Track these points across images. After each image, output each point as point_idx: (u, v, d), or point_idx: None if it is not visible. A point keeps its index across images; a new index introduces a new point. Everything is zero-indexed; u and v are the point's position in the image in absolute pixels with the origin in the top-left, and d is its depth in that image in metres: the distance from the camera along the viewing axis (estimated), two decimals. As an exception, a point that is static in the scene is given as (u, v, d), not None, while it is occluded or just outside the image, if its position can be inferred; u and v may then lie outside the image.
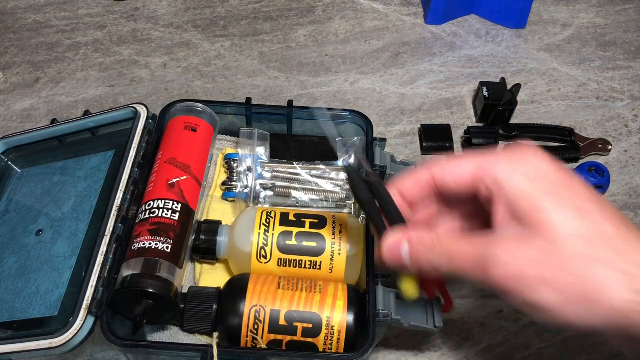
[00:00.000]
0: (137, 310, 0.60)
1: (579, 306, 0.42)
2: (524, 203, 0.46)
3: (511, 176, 0.47)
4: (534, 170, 0.47)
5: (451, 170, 0.51)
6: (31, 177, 0.77)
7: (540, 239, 0.44)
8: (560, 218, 0.44)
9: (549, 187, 0.46)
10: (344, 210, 0.74)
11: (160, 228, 0.64)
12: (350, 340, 0.62)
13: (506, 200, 0.47)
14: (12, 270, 0.67)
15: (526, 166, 0.47)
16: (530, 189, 0.46)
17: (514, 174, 0.47)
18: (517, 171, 0.47)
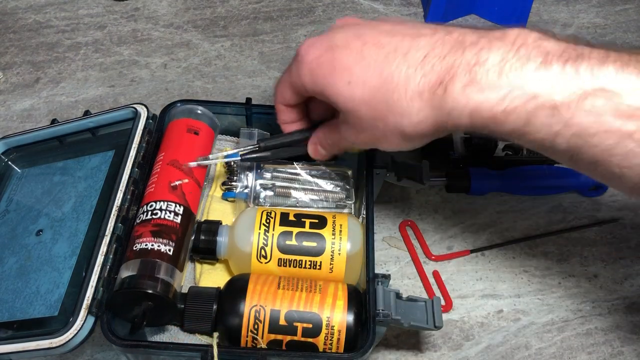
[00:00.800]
0: (136, 312, 0.60)
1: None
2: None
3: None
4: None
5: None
6: (31, 177, 0.77)
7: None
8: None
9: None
10: (344, 210, 0.74)
11: (162, 230, 0.64)
12: (350, 340, 0.62)
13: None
14: (12, 270, 0.67)
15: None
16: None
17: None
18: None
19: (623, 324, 0.74)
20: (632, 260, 0.80)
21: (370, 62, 0.54)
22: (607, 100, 0.47)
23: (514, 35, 0.50)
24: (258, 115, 0.79)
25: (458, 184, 0.84)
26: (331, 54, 0.56)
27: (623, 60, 0.48)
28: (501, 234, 0.82)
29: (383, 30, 0.56)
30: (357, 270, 0.68)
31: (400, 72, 0.52)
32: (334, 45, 0.56)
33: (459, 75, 0.50)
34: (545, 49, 0.49)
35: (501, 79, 0.49)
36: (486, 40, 0.50)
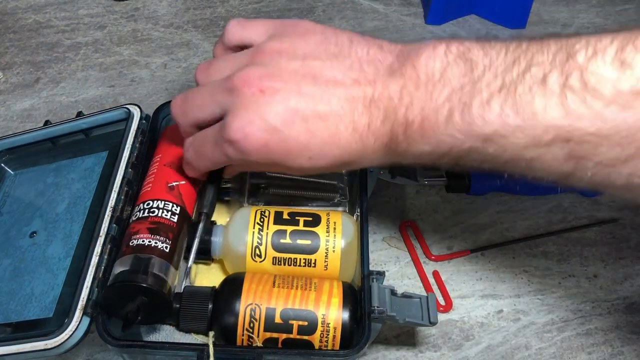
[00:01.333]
0: (130, 307, 0.60)
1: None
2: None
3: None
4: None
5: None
6: (24, 179, 0.77)
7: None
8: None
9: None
10: (338, 208, 0.74)
11: (160, 227, 0.63)
12: (346, 337, 0.62)
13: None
14: (6, 273, 0.67)
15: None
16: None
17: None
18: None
19: (623, 324, 0.74)
20: (632, 260, 0.80)
21: (323, 137, 0.54)
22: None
23: (424, 73, 0.52)
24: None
25: (458, 184, 0.84)
26: (277, 137, 0.54)
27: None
28: (501, 234, 0.82)
29: (316, 96, 0.55)
30: (351, 267, 0.67)
31: (355, 140, 0.54)
32: (273, 128, 0.54)
33: (400, 136, 0.52)
34: (450, 86, 0.51)
35: (425, 137, 0.51)
36: (407, 93, 0.52)
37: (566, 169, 0.47)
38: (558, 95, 0.45)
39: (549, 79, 0.45)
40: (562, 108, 0.45)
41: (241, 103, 0.55)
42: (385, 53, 0.56)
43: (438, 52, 0.51)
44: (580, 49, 0.45)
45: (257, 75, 0.55)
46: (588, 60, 0.44)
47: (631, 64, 0.43)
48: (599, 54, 0.44)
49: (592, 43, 0.45)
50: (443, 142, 0.50)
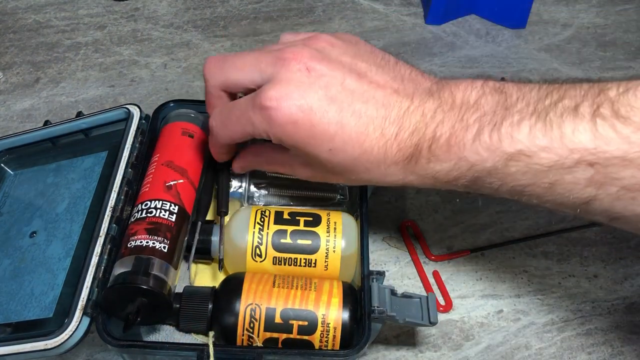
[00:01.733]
0: (130, 308, 0.60)
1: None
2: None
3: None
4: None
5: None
6: (24, 179, 0.77)
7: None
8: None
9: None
10: (338, 209, 0.74)
11: (157, 227, 0.63)
12: (346, 337, 0.62)
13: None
14: (6, 273, 0.67)
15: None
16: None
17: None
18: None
19: (623, 324, 0.74)
20: (632, 260, 0.80)
21: (350, 133, 0.55)
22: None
23: (460, 99, 0.54)
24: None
25: (458, 183, 0.84)
26: (308, 119, 0.55)
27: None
28: (501, 234, 0.82)
29: (356, 92, 0.56)
30: (352, 267, 0.67)
31: (379, 145, 0.55)
32: (308, 108, 0.55)
33: (423, 151, 0.54)
34: (482, 110, 0.53)
35: (450, 153, 0.53)
36: (441, 112, 0.54)
37: (587, 194, 0.48)
38: (588, 121, 0.46)
39: (580, 107, 0.47)
40: (590, 132, 0.46)
41: (284, 75, 0.56)
42: (425, 78, 0.59)
43: (475, 85, 0.54)
44: (612, 87, 0.47)
45: (308, 54, 0.57)
46: (620, 95, 0.46)
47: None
48: (631, 90, 0.46)
49: (624, 84, 0.47)
50: (465, 159, 0.52)
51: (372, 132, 0.55)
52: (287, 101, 0.55)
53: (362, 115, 0.55)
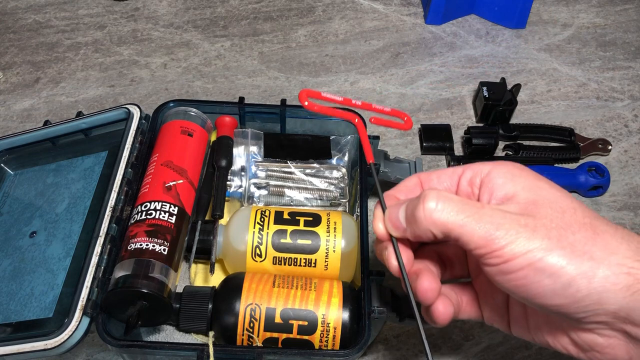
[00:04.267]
0: (131, 311, 0.60)
1: (585, 264, 0.43)
2: (518, 184, 0.48)
3: (496, 169, 0.50)
4: (517, 167, 0.50)
5: (437, 173, 0.53)
6: (24, 179, 0.77)
7: (542, 209, 0.46)
8: (559, 194, 0.47)
9: (537, 175, 0.49)
10: (338, 208, 0.74)
11: (157, 230, 0.63)
12: (346, 337, 0.62)
13: (493, 187, 0.49)
14: (6, 273, 0.67)
15: (509, 165, 0.50)
16: (520, 175, 0.49)
17: (497, 168, 0.50)
18: (500, 167, 0.50)
19: (623, 324, 0.74)
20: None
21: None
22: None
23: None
24: (251, 114, 0.79)
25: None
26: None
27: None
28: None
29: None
30: (352, 267, 0.68)
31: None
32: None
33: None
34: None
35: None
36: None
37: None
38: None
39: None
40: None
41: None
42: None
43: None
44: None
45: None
46: None
47: None
48: None
49: None
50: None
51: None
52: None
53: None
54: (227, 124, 0.77)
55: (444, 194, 0.47)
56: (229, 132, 0.77)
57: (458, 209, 0.46)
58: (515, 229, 0.44)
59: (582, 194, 0.86)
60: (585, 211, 0.47)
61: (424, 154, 0.90)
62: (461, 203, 0.47)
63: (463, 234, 0.45)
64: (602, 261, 0.43)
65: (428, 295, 0.50)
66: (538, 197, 0.47)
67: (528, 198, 0.47)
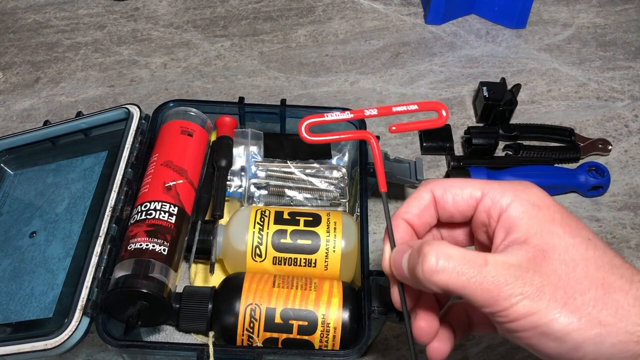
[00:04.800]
0: (131, 311, 0.60)
1: (593, 330, 0.41)
2: (532, 227, 0.45)
3: (516, 201, 0.46)
4: (538, 199, 0.47)
5: (453, 191, 0.50)
6: (24, 179, 0.77)
7: (550, 263, 0.43)
8: (572, 242, 0.44)
9: (556, 215, 0.46)
10: (338, 209, 0.74)
11: (157, 230, 0.63)
12: (346, 337, 0.62)
13: (510, 224, 0.46)
14: (6, 273, 0.67)
15: (530, 195, 0.47)
16: (537, 214, 0.46)
17: (518, 199, 0.46)
18: (521, 197, 0.46)
19: (623, 324, 0.74)
20: (632, 260, 0.80)
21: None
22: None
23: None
24: (251, 114, 0.79)
25: (458, 183, 0.84)
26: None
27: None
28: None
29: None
30: (352, 267, 0.68)
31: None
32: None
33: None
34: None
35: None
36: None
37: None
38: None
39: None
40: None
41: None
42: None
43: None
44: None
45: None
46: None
47: None
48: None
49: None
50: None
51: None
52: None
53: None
54: (227, 124, 0.77)
55: (445, 250, 0.44)
56: (229, 132, 0.77)
57: (459, 271, 0.43)
58: (520, 289, 0.42)
59: (582, 194, 0.86)
60: (600, 260, 0.44)
61: (424, 154, 0.90)
62: (462, 262, 0.43)
63: (466, 294, 0.44)
64: (611, 327, 0.41)
65: (423, 336, 0.50)
66: (549, 246, 0.44)
67: (539, 246, 0.44)
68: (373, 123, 0.92)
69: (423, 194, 0.51)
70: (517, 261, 0.44)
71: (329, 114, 0.50)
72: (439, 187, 0.50)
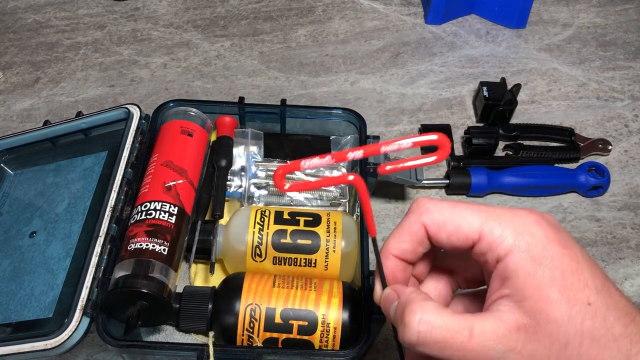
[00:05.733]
0: (131, 311, 0.60)
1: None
2: (527, 287, 0.42)
3: (514, 251, 0.42)
4: (541, 248, 0.42)
5: (448, 229, 0.46)
6: (24, 179, 0.77)
7: (541, 338, 0.41)
8: (568, 313, 0.41)
9: (556, 273, 0.42)
10: (338, 209, 0.74)
11: (157, 230, 0.63)
12: (346, 337, 0.62)
13: (506, 276, 0.42)
14: (6, 273, 0.67)
15: (532, 243, 0.42)
16: (535, 272, 0.42)
17: (517, 250, 0.42)
18: (521, 247, 0.42)
19: (623, 324, 0.74)
20: (632, 260, 0.80)
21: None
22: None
23: None
24: (251, 114, 0.80)
25: (458, 184, 0.84)
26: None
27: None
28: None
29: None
30: (352, 267, 0.68)
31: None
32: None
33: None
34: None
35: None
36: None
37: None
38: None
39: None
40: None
41: None
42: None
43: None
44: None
45: None
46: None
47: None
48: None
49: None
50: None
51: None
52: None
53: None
54: (227, 124, 0.77)
55: (428, 318, 0.42)
56: (229, 132, 0.77)
57: (441, 345, 0.41)
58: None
59: (582, 194, 0.86)
60: (596, 332, 0.41)
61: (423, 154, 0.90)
62: (446, 333, 0.41)
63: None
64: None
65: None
66: (542, 316, 0.41)
67: (532, 313, 0.41)
68: (373, 123, 0.92)
69: (415, 228, 0.46)
70: (507, 329, 0.41)
71: (307, 161, 0.41)
72: (433, 224, 0.46)
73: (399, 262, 0.48)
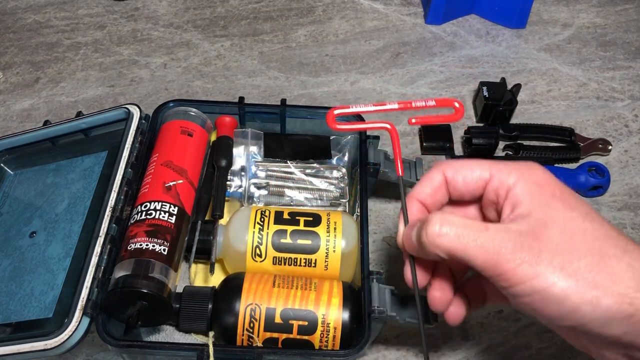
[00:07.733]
0: (131, 311, 0.60)
1: (589, 293, 0.44)
2: (534, 202, 0.48)
3: (520, 181, 0.49)
4: (541, 178, 0.50)
5: (463, 173, 0.53)
6: (24, 179, 0.77)
7: (549, 232, 0.46)
8: (569, 216, 0.47)
9: (556, 191, 0.49)
10: (338, 209, 0.74)
11: (157, 230, 0.63)
12: (346, 337, 0.62)
13: (515, 201, 0.49)
14: (6, 273, 0.67)
15: (533, 175, 0.50)
16: (539, 191, 0.49)
17: (522, 179, 0.50)
18: (525, 177, 0.50)
19: (623, 324, 0.74)
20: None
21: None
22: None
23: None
24: (251, 114, 0.80)
25: (458, 183, 0.84)
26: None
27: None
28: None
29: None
30: (352, 267, 0.68)
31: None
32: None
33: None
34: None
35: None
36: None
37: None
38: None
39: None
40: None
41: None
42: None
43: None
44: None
45: None
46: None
47: None
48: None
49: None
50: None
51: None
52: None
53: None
54: (227, 124, 0.77)
55: (447, 217, 0.48)
56: (229, 132, 0.77)
57: (460, 235, 0.47)
58: (519, 254, 0.45)
59: (582, 194, 0.86)
60: (596, 231, 0.47)
61: (424, 154, 0.90)
62: (463, 227, 0.47)
63: (467, 257, 0.46)
64: (606, 290, 0.44)
65: (437, 305, 0.54)
66: (549, 218, 0.47)
67: (540, 218, 0.47)
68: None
69: (435, 175, 0.53)
70: (518, 229, 0.47)
71: (354, 106, 0.55)
72: (450, 169, 0.53)
73: (421, 208, 0.54)
